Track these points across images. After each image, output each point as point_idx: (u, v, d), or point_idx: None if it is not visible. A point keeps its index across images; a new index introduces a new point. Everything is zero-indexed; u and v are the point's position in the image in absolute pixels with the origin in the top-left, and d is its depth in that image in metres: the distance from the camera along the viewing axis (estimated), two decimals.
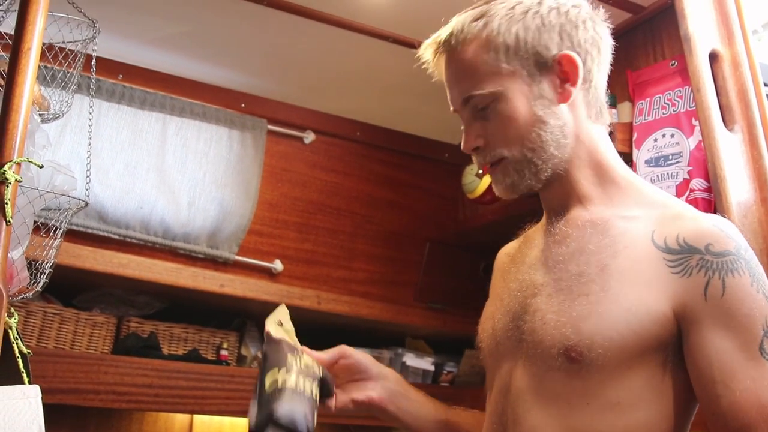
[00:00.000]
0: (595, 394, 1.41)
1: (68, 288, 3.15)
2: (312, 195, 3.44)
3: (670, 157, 2.50)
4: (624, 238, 1.46)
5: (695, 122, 2.45)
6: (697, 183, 2.40)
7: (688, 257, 1.39)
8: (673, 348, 1.39)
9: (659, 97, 2.60)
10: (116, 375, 2.98)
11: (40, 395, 1.46)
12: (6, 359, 1.72)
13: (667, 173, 2.49)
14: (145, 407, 3.12)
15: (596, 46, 1.56)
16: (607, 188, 1.55)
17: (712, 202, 2.37)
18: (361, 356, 1.70)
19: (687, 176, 2.43)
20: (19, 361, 1.74)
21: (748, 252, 1.40)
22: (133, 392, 3.01)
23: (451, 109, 1.61)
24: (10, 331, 1.74)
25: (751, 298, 1.35)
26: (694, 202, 2.39)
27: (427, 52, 1.61)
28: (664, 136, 2.54)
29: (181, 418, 3.42)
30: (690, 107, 2.48)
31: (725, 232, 1.41)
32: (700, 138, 2.40)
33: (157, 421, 3.36)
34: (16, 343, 1.75)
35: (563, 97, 1.53)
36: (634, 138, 2.64)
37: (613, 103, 2.77)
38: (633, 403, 1.39)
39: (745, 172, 2.33)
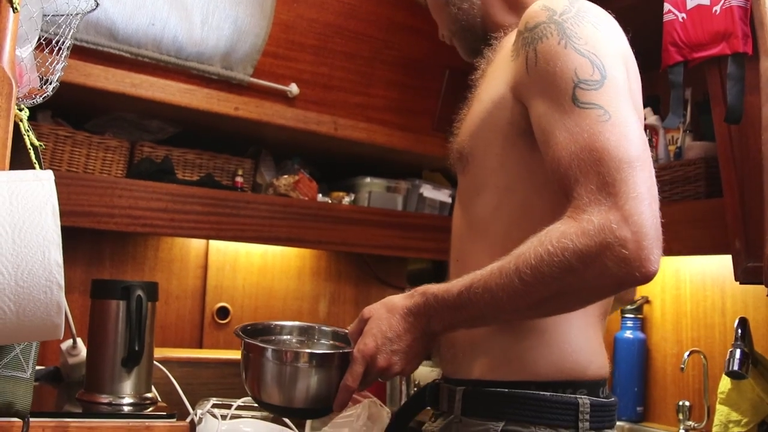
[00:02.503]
0: (481, 184, 1.60)
1: (80, 112, 3.10)
2: (329, 17, 3.31)
3: None
4: (503, 49, 1.64)
5: None
6: None
7: (517, 42, 1.52)
8: (532, 130, 1.49)
9: None
10: (131, 199, 2.96)
11: (53, 178, 1.41)
12: (18, 153, 1.68)
13: None
14: (161, 231, 3.10)
15: None
16: (519, 14, 1.64)
17: (748, 11, 2.28)
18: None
19: None
20: (31, 152, 1.70)
21: (566, 15, 1.45)
22: (148, 216, 2.99)
23: None
24: (21, 124, 1.69)
25: (557, 55, 1.41)
26: (728, 11, 2.30)
27: None
28: None
29: (196, 244, 3.41)
30: None
31: (543, 5, 1.49)
32: None
33: (172, 247, 3.36)
34: (27, 135, 1.70)
35: None
36: None
37: None
38: (511, 184, 1.55)
39: None
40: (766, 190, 2.14)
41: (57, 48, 1.99)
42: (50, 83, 1.96)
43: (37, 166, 1.68)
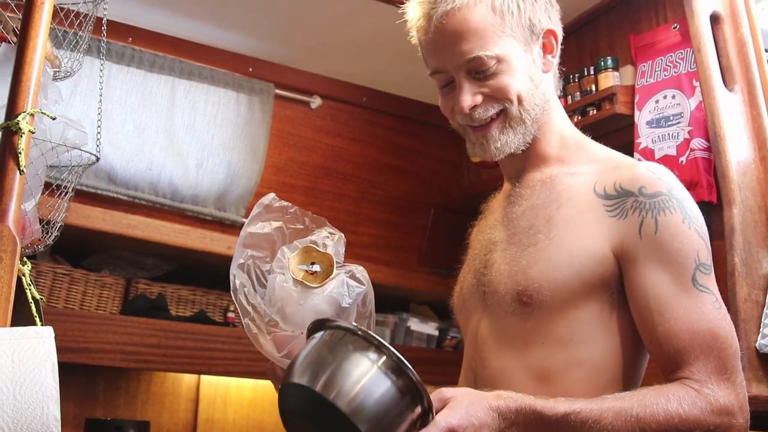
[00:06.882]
0: (548, 333, 1.54)
1: (78, 250, 3.20)
2: (318, 159, 3.48)
3: (671, 117, 2.53)
4: (568, 191, 1.59)
5: (696, 83, 2.48)
6: (698, 143, 2.44)
7: (623, 200, 1.51)
8: (617, 287, 1.51)
9: (661, 59, 2.63)
10: (125, 335, 3.04)
11: (53, 335, 1.50)
12: (20, 305, 1.76)
13: (668, 134, 2.52)
14: (154, 367, 3.18)
15: (560, 27, 1.66)
16: (561, 151, 1.66)
17: (712, 162, 2.41)
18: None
19: (688, 136, 2.47)
20: (32, 306, 1.78)
21: (681, 192, 1.51)
22: (142, 352, 3.06)
23: (432, 70, 1.63)
24: (23, 278, 1.78)
25: (682, 234, 1.47)
26: (694, 162, 2.43)
27: (415, 9, 1.62)
28: (665, 97, 2.57)
29: (188, 379, 3.47)
30: (691, 69, 2.52)
31: (657, 175, 1.52)
32: (701, 99, 2.43)
33: (165, 382, 3.42)
34: (29, 289, 1.79)
35: (546, 67, 1.63)
36: (636, 100, 2.68)
37: (615, 66, 2.81)
38: (584, 339, 1.52)
39: (744, 131, 2.37)
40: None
41: (59, 197, 2.10)
42: (51, 234, 2.06)
43: (37, 319, 1.77)
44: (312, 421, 1.28)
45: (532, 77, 1.60)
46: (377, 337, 1.30)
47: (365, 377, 1.27)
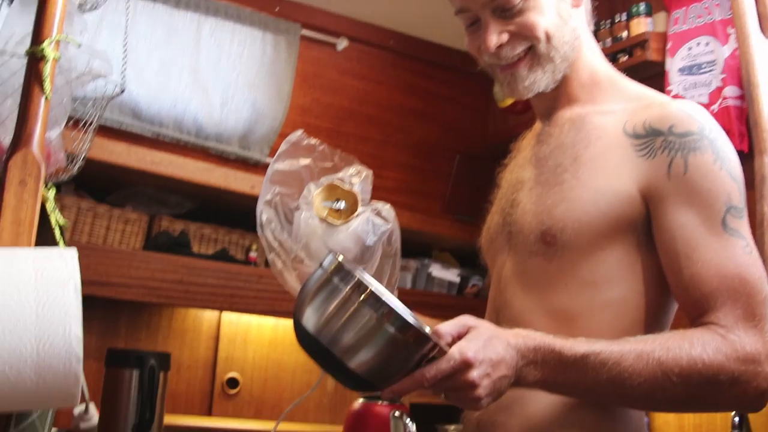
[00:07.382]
0: (571, 275, 1.50)
1: (102, 186, 3.21)
2: (343, 101, 3.46)
3: (704, 65, 2.49)
4: (598, 130, 1.53)
5: (731, 30, 2.44)
6: (730, 90, 2.40)
7: (652, 140, 1.46)
8: (644, 229, 1.46)
9: (695, 6, 2.59)
10: (147, 270, 3.06)
11: (76, 256, 1.50)
12: (43, 231, 1.77)
13: (700, 81, 2.49)
14: (176, 302, 3.20)
15: None
16: (592, 89, 1.61)
17: (745, 110, 2.38)
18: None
19: (720, 84, 2.43)
20: (56, 230, 1.79)
21: (714, 132, 1.44)
22: (164, 287, 3.09)
23: (457, 9, 1.59)
24: (47, 203, 1.78)
25: (713, 175, 1.40)
26: (726, 110, 2.40)
27: None
28: (698, 44, 2.54)
29: (209, 316, 3.49)
30: (726, 15, 2.47)
31: (688, 113, 1.45)
32: (735, 46, 2.40)
33: (186, 318, 3.44)
34: (53, 214, 1.79)
35: (575, 1, 1.58)
36: (668, 47, 2.64)
37: (648, 13, 2.77)
38: (608, 280, 1.48)
39: None
40: None
41: (84, 129, 2.09)
42: (75, 163, 2.07)
43: (61, 243, 1.77)
44: (315, 354, 1.29)
45: (560, 13, 1.55)
46: (366, 276, 1.27)
47: (354, 318, 1.24)
